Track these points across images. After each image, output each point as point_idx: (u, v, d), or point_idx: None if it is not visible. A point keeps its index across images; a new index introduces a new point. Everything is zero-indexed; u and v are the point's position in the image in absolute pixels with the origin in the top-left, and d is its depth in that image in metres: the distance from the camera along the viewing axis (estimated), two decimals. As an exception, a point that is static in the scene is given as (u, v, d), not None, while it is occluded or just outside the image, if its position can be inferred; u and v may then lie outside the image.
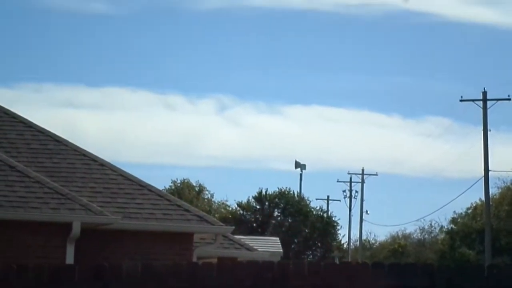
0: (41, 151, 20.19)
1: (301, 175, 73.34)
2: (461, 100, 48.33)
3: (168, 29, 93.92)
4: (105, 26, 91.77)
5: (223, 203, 64.98)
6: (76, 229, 17.27)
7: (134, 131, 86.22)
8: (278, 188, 57.91)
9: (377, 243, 77.11)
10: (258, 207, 57.52)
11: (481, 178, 47.63)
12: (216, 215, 51.76)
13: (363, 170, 75.84)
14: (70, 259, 17.21)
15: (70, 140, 20.74)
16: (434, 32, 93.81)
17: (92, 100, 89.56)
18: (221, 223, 20.34)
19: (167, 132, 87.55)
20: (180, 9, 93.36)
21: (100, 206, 18.14)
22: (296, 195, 59.00)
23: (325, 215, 60.12)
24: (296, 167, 73.86)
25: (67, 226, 17.35)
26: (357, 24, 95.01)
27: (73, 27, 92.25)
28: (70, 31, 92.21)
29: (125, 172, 19.92)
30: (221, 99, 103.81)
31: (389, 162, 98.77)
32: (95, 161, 20.11)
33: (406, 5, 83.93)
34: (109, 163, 20.18)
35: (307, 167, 74.63)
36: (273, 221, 57.10)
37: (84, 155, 20.25)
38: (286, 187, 58.23)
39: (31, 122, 21.00)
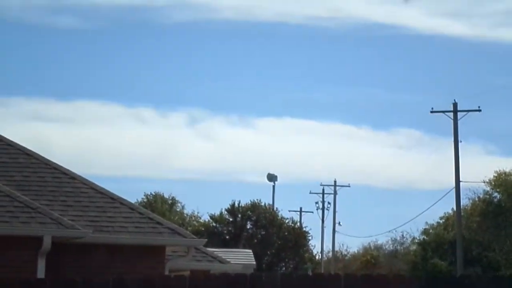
0: (11, 164, 20.05)
1: (273, 187, 73.38)
2: (431, 112, 48.53)
3: (138, 42, 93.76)
4: (75, 40, 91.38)
5: (193, 216, 64.84)
6: (47, 243, 17.14)
7: (106, 144, 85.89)
8: (250, 200, 57.90)
9: (349, 254, 77.26)
10: (230, 219, 57.45)
11: (452, 189, 47.86)
12: (189, 228, 51.61)
13: (335, 181, 75.99)
14: (41, 273, 17.07)
15: (40, 154, 20.61)
16: (403, 44, 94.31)
17: (62, 113, 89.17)
18: (193, 236, 20.29)
19: (139, 145, 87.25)
20: (150, 23, 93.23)
21: (72, 220, 18.02)
22: (267, 207, 58.96)
23: (297, 225, 60.11)
24: (269, 180, 73.85)
25: (38, 240, 17.22)
26: (327, 37, 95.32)
27: (42, 40, 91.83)
28: (39, 45, 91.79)
29: (96, 185, 19.81)
30: (192, 112, 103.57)
31: (361, 173, 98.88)
32: (66, 174, 19.99)
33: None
34: (80, 176, 20.08)
35: (279, 179, 74.62)
36: (246, 234, 57.03)
37: (55, 168, 20.13)
38: (258, 199, 58.25)
39: (1, 136, 20.85)
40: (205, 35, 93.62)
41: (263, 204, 58.40)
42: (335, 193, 75.85)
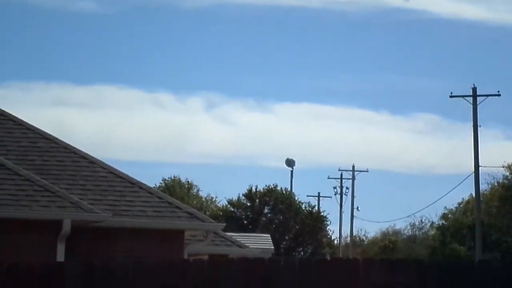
0: (31, 149, 20.14)
1: (292, 172, 73.31)
2: (451, 96, 48.34)
3: (157, 27, 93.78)
4: (94, 25, 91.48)
5: (211, 198, 64.92)
6: (67, 226, 17.23)
7: (124, 128, 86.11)
8: (266, 185, 57.88)
9: (368, 239, 77.22)
10: (248, 204, 57.50)
11: (471, 174, 47.70)
12: (207, 213, 51.72)
13: (353, 166, 75.86)
14: (61, 256, 17.17)
15: (60, 138, 20.69)
16: (423, 29, 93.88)
17: (81, 98, 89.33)
18: (212, 220, 20.34)
19: (157, 130, 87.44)
20: (169, 8, 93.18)
21: (91, 204, 18.10)
22: (284, 191, 58.92)
23: (314, 210, 60.10)
24: (287, 165, 73.76)
25: (58, 224, 17.31)
26: (346, 21, 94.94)
27: (61, 25, 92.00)
28: (58, 29, 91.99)
29: (115, 169, 19.88)
30: (210, 96, 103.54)
31: (379, 158, 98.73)
32: (85, 158, 20.06)
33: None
34: (99, 161, 20.14)
35: (296, 164, 74.51)
36: (263, 218, 57.08)
37: (74, 152, 20.20)
38: (273, 184, 58.21)
39: (21, 120, 20.94)
40: (223, 20, 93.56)
41: (279, 188, 58.39)
42: (353, 178, 75.77)
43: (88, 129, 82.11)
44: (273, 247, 30.96)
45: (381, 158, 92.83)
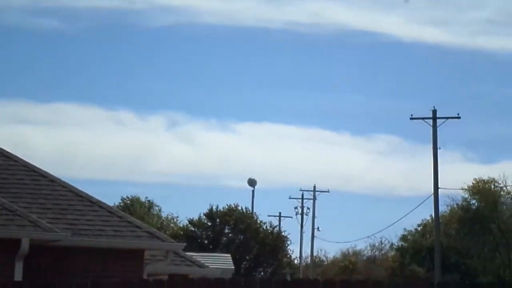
0: (-10, 166, 19.94)
1: (253, 192, 73.28)
2: (411, 118, 48.74)
3: (118, 45, 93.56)
4: (54, 42, 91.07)
5: (172, 219, 64.66)
6: (25, 245, 17.06)
7: (84, 147, 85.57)
8: (227, 205, 57.81)
9: (328, 260, 77.35)
10: (209, 223, 57.36)
11: (431, 195, 48.04)
12: (167, 232, 51.50)
13: (314, 187, 76.04)
14: (18, 276, 16.99)
15: (19, 156, 20.52)
16: (383, 51, 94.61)
17: (41, 116, 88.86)
18: (172, 240, 20.27)
19: (117, 148, 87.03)
20: (130, 26, 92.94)
21: (50, 223, 17.95)
22: (245, 211, 58.88)
23: (274, 230, 60.12)
24: (250, 185, 73.70)
25: (16, 243, 17.14)
26: (308, 43, 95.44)
27: (21, 42, 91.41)
28: (18, 46, 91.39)
29: (75, 188, 19.75)
30: (171, 115, 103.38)
31: (340, 179, 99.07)
32: (45, 177, 19.91)
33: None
34: (59, 179, 20.00)
35: (258, 184, 74.50)
36: (224, 238, 56.96)
37: (33, 171, 20.04)
38: (235, 204, 58.16)
39: (-20, 137, 20.77)
40: (186, 39, 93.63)
41: (240, 208, 58.36)
42: (314, 198, 75.93)
43: (47, 147, 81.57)
44: (233, 267, 30.90)
45: (342, 179, 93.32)
